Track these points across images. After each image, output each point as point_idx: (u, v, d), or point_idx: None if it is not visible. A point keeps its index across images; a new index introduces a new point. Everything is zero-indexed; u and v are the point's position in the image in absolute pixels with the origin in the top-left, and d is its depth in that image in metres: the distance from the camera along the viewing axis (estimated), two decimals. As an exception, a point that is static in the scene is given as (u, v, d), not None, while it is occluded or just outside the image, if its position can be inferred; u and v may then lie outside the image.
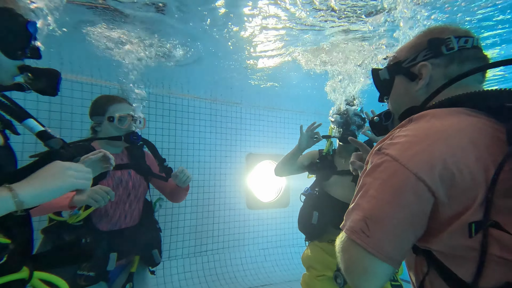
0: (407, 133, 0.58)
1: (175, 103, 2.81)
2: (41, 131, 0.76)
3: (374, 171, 0.58)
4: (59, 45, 1.98)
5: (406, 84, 0.73)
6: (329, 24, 1.83)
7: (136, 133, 1.52)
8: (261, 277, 2.99)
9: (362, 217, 0.55)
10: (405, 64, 0.73)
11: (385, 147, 0.59)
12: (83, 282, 1.25)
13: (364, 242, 0.53)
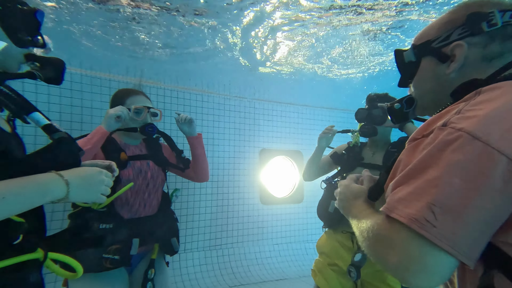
0: (484, 106, 0.48)
1: (190, 98, 2.84)
2: (47, 124, 0.77)
3: (441, 149, 0.47)
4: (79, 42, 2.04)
5: (434, 67, 0.66)
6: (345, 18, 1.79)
7: (152, 125, 1.54)
8: (276, 272, 2.99)
9: (426, 204, 0.45)
10: (435, 43, 0.65)
11: (455, 121, 0.48)
12: (108, 265, 1.30)
13: (431, 234, 0.44)
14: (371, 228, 0.54)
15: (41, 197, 0.62)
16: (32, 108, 0.77)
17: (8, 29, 0.69)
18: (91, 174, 0.73)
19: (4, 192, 0.55)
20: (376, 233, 0.52)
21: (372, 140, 1.68)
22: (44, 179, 0.63)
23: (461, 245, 0.43)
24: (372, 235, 0.53)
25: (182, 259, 2.63)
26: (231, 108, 3.09)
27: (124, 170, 1.47)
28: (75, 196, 0.69)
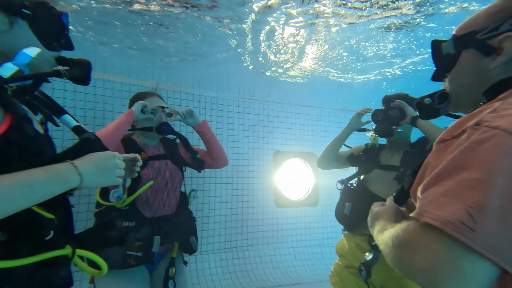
0: None
1: (205, 101, 2.89)
2: (76, 126, 0.82)
3: (474, 148, 0.44)
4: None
5: (477, 60, 0.61)
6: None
7: (167, 124, 1.58)
8: (292, 275, 2.94)
9: (462, 206, 0.41)
10: (481, 35, 0.59)
11: (490, 119, 0.45)
12: (132, 262, 1.32)
13: (469, 239, 0.40)
14: (395, 235, 0.50)
15: (61, 185, 0.64)
16: (63, 111, 0.82)
17: (39, 34, 0.71)
18: (104, 159, 0.74)
19: (30, 181, 0.58)
20: (403, 239, 0.48)
21: (390, 141, 1.64)
22: (62, 169, 0.65)
23: (506, 251, 0.39)
24: (397, 242, 0.49)
25: (198, 261, 2.64)
26: (245, 111, 3.11)
27: (144, 169, 1.51)
28: (90, 183, 0.70)
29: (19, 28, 0.68)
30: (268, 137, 3.23)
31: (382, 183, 1.56)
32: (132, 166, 1.06)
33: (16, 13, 0.67)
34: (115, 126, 1.41)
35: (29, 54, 0.67)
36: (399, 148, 1.59)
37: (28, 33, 0.70)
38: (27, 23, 0.69)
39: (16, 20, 0.68)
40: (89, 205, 2.17)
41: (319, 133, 3.50)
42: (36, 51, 0.68)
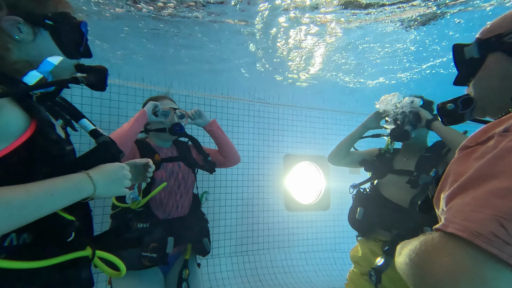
0: None
1: (216, 104, 2.92)
2: (93, 129, 0.85)
3: (503, 156, 0.42)
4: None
5: (505, 64, 0.59)
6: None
7: (179, 124, 1.61)
8: (303, 281, 2.89)
9: (492, 216, 0.39)
10: (509, 37, 0.58)
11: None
12: (147, 263, 1.34)
13: (504, 252, 0.37)
14: (414, 249, 0.45)
15: (77, 194, 0.67)
16: (81, 115, 0.86)
17: (60, 43, 0.74)
18: (114, 171, 0.77)
19: (52, 189, 0.61)
20: (423, 251, 0.44)
21: (406, 145, 1.61)
22: (79, 179, 0.68)
23: None
24: (416, 256, 0.44)
25: (209, 264, 2.64)
26: (255, 114, 3.13)
27: (158, 171, 1.53)
28: (102, 192, 0.72)
29: (42, 38, 0.72)
30: (279, 140, 3.23)
31: (396, 188, 1.53)
32: (144, 171, 1.08)
33: (40, 24, 0.70)
34: (130, 126, 1.45)
35: (52, 62, 0.70)
36: (414, 152, 1.56)
37: (50, 43, 0.73)
38: (49, 33, 0.72)
39: (40, 31, 0.71)
40: (104, 208, 2.22)
41: (330, 136, 3.47)
42: (58, 59, 0.72)
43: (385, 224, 1.51)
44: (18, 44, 0.68)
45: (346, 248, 3.29)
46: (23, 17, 0.67)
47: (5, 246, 0.60)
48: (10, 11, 0.66)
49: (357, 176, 3.41)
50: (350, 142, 1.75)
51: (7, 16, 0.65)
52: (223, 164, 1.85)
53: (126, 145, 1.39)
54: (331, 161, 1.84)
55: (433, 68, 2.62)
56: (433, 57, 2.40)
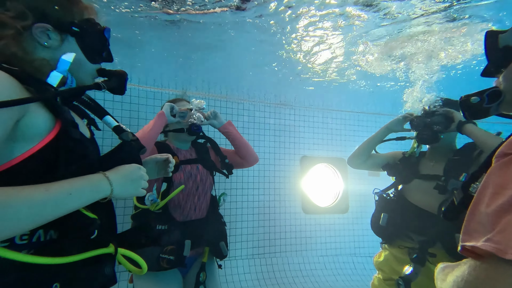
0: None
1: (232, 106, 2.94)
2: (116, 126, 0.87)
3: None
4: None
5: None
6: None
7: (196, 124, 1.62)
8: (322, 285, 2.83)
9: None
10: None
11: None
12: (165, 265, 1.35)
13: None
14: (463, 277, 0.41)
15: (95, 194, 0.68)
16: (105, 112, 0.88)
17: (85, 49, 0.77)
18: (131, 171, 0.77)
19: (71, 189, 0.62)
20: (477, 280, 0.39)
21: (433, 148, 1.53)
22: (97, 179, 0.69)
23: None
24: (464, 284, 0.40)
25: (227, 266, 2.64)
26: (271, 116, 3.12)
27: (176, 173, 1.54)
28: (119, 193, 0.73)
29: (68, 43, 0.74)
30: (295, 142, 3.19)
31: (423, 193, 1.46)
32: (165, 166, 1.10)
33: (67, 31, 0.73)
34: (150, 127, 1.48)
35: (67, 60, 0.73)
36: (442, 156, 1.47)
37: (75, 48, 0.75)
38: (75, 39, 0.75)
39: (67, 37, 0.74)
40: (125, 209, 2.28)
41: (349, 138, 3.39)
42: (72, 56, 0.74)
43: (411, 230, 1.46)
44: (45, 49, 0.71)
45: (367, 252, 3.19)
46: (52, 24, 0.70)
47: (33, 242, 0.63)
48: (40, 18, 0.69)
49: (377, 179, 3.32)
50: (371, 144, 1.69)
51: (38, 23, 0.68)
52: (241, 165, 1.85)
53: (148, 146, 1.43)
54: (351, 164, 1.78)
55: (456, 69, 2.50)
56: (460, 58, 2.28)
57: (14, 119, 0.58)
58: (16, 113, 0.58)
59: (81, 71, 0.77)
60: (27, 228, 0.57)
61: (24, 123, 0.61)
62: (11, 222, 0.53)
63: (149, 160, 1.07)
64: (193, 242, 1.49)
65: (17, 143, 0.60)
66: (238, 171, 2.76)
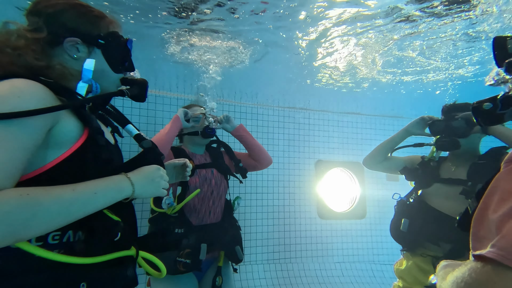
0: None
1: (245, 111, 2.96)
2: (137, 134, 0.90)
3: None
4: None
5: None
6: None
7: (210, 127, 1.65)
8: (339, 293, 2.75)
9: None
10: None
11: None
12: (182, 268, 1.37)
13: None
14: (462, 278, 0.41)
15: (117, 194, 0.70)
16: (127, 121, 0.93)
17: (110, 60, 0.82)
18: (151, 172, 0.79)
19: (95, 189, 0.65)
20: (476, 282, 0.39)
21: (454, 153, 1.47)
22: (119, 180, 0.71)
23: None
24: (464, 285, 0.40)
25: (242, 271, 2.63)
26: (285, 120, 3.10)
27: (191, 177, 1.57)
28: (140, 192, 0.75)
29: (94, 55, 0.79)
30: (310, 146, 3.16)
31: (446, 198, 1.41)
32: (183, 171, 1.13)
33: (94, 44, 0.78)
34: (166, 132, 1.52)
35: (89, 68, 0.78)
36: (464, 160, 1.41)
37: (101, 59, 0.80)
38: (101, 51, 0.80)
39: (93, 49, 0.79)
40: (142, 212, 2.33)
41: (365, 141, 3.31)
42: (92, 62, 0.78)
43: (435, 237, 1.39)
44: (74, 61, 0.76)
45: (386, 260, 3.07)
46: (81, 38, 0.76)
47: (63, 242, 0.66)
48: (70, 33, 0.74)
49: (395, 184, 3.21)
50: (389, 146, 1.64)
51: (68, 38, 0.74)
52: (255, 167, 1.86)
53: (164, 150, 1.46)
54: (366, 164, 1.75)
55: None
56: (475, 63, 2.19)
57: (48, 127, 0.63)
58: (50, 120, 0.63)
59: (105, 80, 0.82)
60: (57, 225, 0.59)
61: (57, 131, 0.65)
62: (42, 219, 0.56)
63: (167, 165, 1.10)
64: (209, 246, 1.50)
65: (50, 149, 0.64)
66: (252, 175, 2.76)
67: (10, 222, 0.51)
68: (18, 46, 0.67)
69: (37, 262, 0.60)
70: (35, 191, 0.56)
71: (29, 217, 0.53)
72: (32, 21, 0.73)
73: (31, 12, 0.74)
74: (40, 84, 0.64)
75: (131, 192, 0.72)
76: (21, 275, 0.60)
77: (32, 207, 0.54)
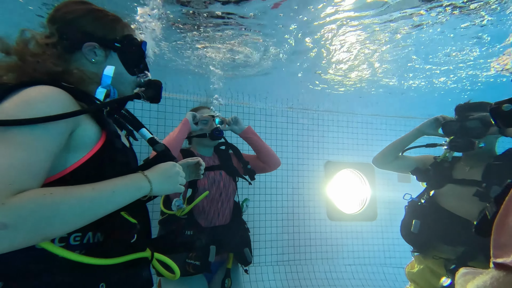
0: None
1: (254, 112, 2.96)
2: (151, 138, 0.92)
3: None
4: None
5: None
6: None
7: (218, 129, 1.66)
8: (350, 296, 2.71)
9: None
10: None
11: None
12: (191, 270, 1.38)
13: None
14: (483, 287, 0.40)
15: (136, 192, 0.70)
16: (141, 125, 0.94)
17: (125, 63, 0.83)
18: (167, 169, 0.80)
19: (114, 187, 0.66)
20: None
21: (469, 153, 1.42)
22: (137, 178, 0.72)
23: None
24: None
25: (251, 273, 2.63)
26: (294, 121, 3.09)
27: (200, 179, 1.58)
28: (158, 189, 0.75)
29: (111, 59, 0.81)
30: (319, 147, 3.13)
31: (458, 199, 1.37)
32: (196, 169, 1.14)
33: (111, 47, 0.80)
34: (176, 134, 1.55)
35: (108, 75, 0.80)
36: (480, 161, 1.37)
37: (117, 63, 0.82)
38: (117, 54, 0.82)
39: (110, 53, 0.81)
40: (153, 213, 2.37)
41: (376, 142, 3.26)
42: (112, 69, 0.80)
43: (448, 239, 1.36)
44: (92, 65, 0.79)
45: (399, 263, 3.01)
46: (98, 42, 0.78)
47: (84, 243, 0.68)
48: (88, 38, 0.77)
49: (407, 185, 3.14)
50: (400, 145, 1.62)
51: (87, 43, 0.76)
52: (264, 169, 1.85)
53: (174, 152, 1.48)
54: (376, 163, 1.72)
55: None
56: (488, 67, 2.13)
57: (70, 131, 0.65)
58: (71, 125, 0.65)
59: (122, 83, 0.84)
60: (79, 224, 0.61)
61: (77, 134, 0.67)
62: (65, 218, 0.57)
63: (181, 164, 1.12)
64: (218, 248, 1.51)
65: (71, 153, 0.66)
66: (261, 177, 2.76)
67: (36, 221, 0.53)
68: (37, 53, 0.69)
69: (60, 263, 0.62)
70: (58, 190, 0.58)
71: (52, 216, 0.55)
72: (52, 28, 0.75)
73: (51, 19, 0.77)
74: (62, 90, 0.66)
75: (149, 189, 0.73)
76: (46, 275, 0.61)
77: (56, 205, 0.56)
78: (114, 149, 0.73)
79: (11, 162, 0.54)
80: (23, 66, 0.67)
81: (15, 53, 0.68)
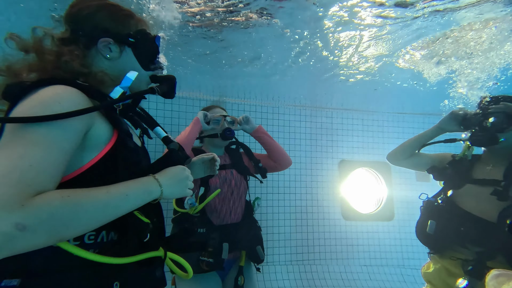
0: None
1: (266, 111, 2.95)
2: (165, 137, 0.92)
3: None
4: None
5: None
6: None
7: (230, 129, 1.66)
8: (366, 297, 2.65)
9: None
10: None
11: None
12: (205, 267, 1.40)
13: None
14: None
15: (147, 196, 0.71)
16: (156, 124, 0.95)
17: (140, 58, 0.83)
18: (177, 173, 0.80)
19: (127, 191, 0.66)
20: None
21: (491, 151, 1.36)
22: (148, 182, 0.73)
23: None
24: None
25: (265, 272, 2.63)
26: (307, 119, 3.06)
27: (212, 178, 1.59)
28: (168, 193, 0.76)
29: (126, 54, 0.81)
30: (333, 145, 3.08)
31: (478, 200, 1.31)
32: (212, 165, 1.15)
33: (125, 43, 0.80)
34: (187, 133, 1.57)
35: (130, 78, 0.80)
36: (502, 159, 1.30)
37: (132, 58, 0.82)
38: (131, 50, 0.82)
39: (124, 48, 0.81)
40: (167, 211, 2.41)
41: (392, 140, 3.17)
42: (135, 74, 0.81)
43: (465, 240, 1.31)
44: (107, 61, 0.79)
45: (418, 264, 2.91)
46: (113, 38, 0.78)
47: (98, 242, 0.69)
48: (103, 34, 0.77)
49: (426, 184, 3.03)
50: (417, 143, 1.56)
51: (102, 38, 0.76)
52: (275, 168, 1.85)
53: (186, 151, 1.50)
54: (390, 159, 1.67)
55: None
56: None
57: (85, 130, 0.66)
58: (86, 123, 0.66)
59: (137, 79, 0.83)
60: (94, 226, 0.62)
61: (92, 133, 0.68)
62: (82, 220, 0.58)
63: (196, 160, 1.13)
64: (230, 246, 1.51)
65: (85, 152, 0.67)
66: (274, 176, 2.75)
67: (54, 223, 0.54)
68: (63, 52, 0.70)
69: (75, 261, 0.63)
70: (75, 193, 0.58)
71: (70, 218, 0.56)
72: (69, 25, 0.76)
73: (67, 16, 0.77)
74: (77, 90, 0.67)
75: (160, 193, 0.74)
76: (62, 273, 0.63)
77: (73, 208, 0.56)
78: (126, 148, 0.73)
79: (30, 162, 0.54)
80: (43, 65, 0.68)
81: (34, 51, 0.69)
